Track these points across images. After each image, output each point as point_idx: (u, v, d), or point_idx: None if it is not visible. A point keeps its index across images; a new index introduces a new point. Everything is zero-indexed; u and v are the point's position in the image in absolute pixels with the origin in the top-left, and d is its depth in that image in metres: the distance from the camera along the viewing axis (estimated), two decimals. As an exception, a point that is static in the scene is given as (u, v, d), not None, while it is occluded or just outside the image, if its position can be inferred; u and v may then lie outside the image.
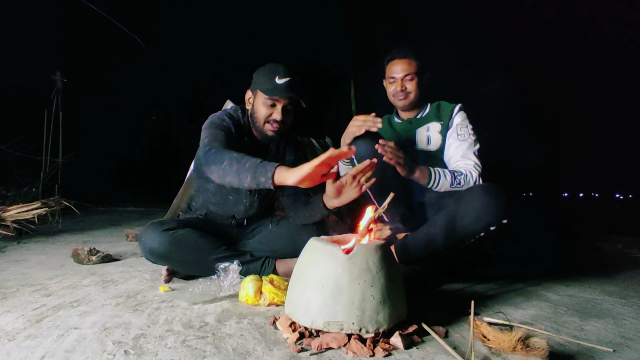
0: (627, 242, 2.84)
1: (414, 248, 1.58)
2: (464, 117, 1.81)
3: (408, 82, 1.82)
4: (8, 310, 1.19)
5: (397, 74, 1.81)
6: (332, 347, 0.94)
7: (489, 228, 1.45)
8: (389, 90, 1.87)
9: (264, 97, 1.47)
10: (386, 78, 1.88)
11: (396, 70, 1.82)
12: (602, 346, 1.00)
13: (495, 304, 1.34)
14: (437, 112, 1.86)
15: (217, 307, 1.24)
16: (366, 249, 1.01)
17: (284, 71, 1.47)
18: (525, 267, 2.04)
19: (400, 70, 1.81)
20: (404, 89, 1.82)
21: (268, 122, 1.49)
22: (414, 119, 1.88)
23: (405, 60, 1.81)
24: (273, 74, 1.46)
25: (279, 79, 1.45)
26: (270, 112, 1.48)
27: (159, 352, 0.91)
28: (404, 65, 1.80)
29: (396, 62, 1.82)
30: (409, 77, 1.81)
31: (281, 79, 1.45)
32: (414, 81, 1.81)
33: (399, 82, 1.81)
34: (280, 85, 1.45)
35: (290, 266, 1.51)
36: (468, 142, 1.74)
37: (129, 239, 2.61)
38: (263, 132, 1.53)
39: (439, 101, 1.91)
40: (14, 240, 2.52)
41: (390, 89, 1.86)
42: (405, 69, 1.80)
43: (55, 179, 4.27)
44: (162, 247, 1.43)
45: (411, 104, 1.84)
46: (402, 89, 1.81)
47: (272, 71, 1.47)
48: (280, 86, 1.45)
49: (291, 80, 1.46)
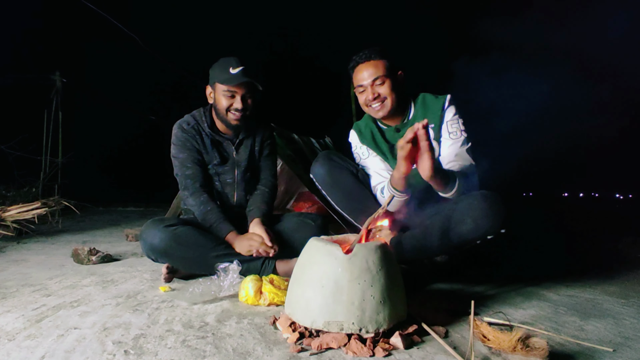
0: (627, 242, 2.84)
1: (408, 250, 1.53)
2: (454, 111, 1.63)
3: (379, 87, 1.61)
4: (8, 310, 1.19)
5: (365, 80, 1.61)
6: (332, 347, 0.94)
7: (487, 237, 1.37)
8: (361, 101, 1.67)
9: (222, 88, 1.60)
10: (355, 88, 1.67)
11: (363, 77, 1.61)
12: (602, 346, 1.00)
13: (495, 304, 1.34)
14: (424, 113, 1.65)
15: (217, 307, 1.24)
16: (366, 249, 1.01)
17: (237, 61, 1.59)
18: (525, 267, 2.04)
19: (367, 75, 1.60)
20: (377, 96, 1.61)
21: (229, 111, 1.62)
22: (401, 125, 1.69)
23: (370, 63, 1.61)
24: (227, 65, 1.59)
25: (232, 69, 1.58)
26: (231, 102, 1.61)
27: (159, 352, 0.91)
28: (370, 69, 1.60)
29: (360, 68, 1.62)
30: (378, 81, 1.60)
31: (235, 69, 1.58)
32: (385, 84, 1.60)
33: (369, 89, 1.61)
34: (235, 74, 1.57)
35: (290, 266, 1.51)
36: (461, 140, 1.59)
37: (129, 239, 2.61)
38: (227, 122, 1.66)
39: (422, 94, 1.69)
40: (14, 240, 2.52)
41: (362, 99, 1.65)
42: (372, 72, 1.60)
43: (55, 179, 4.27)
44: (162, 243, 1.44)
45: (391, 111, 1.63)
46: (375, 96, 1.61)
47: (226, 63, 1.60)
48: (235, 75, 1.57)
49: (244, 69, 1.58)
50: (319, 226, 1.63)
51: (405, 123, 1.68)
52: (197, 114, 1.73)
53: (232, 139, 1.73)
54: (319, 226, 1.63)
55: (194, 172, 1.65)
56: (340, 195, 1.71)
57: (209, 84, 1.68)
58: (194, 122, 1.70)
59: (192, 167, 1.65)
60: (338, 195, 1.71)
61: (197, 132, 1.69)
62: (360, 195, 1.68)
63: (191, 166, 1.65)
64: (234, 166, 1.72)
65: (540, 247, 2.75)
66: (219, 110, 1.64)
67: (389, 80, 1.60)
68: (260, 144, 1.79)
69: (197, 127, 1.69)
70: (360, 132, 1.76)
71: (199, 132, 1.69)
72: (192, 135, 1.67)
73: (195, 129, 1.68)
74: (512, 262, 2.18)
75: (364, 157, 1.74)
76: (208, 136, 1.69)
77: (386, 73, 1.60)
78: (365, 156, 1.73)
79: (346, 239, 1.16)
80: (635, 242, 2.83)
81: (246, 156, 1.74)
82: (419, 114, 1.66)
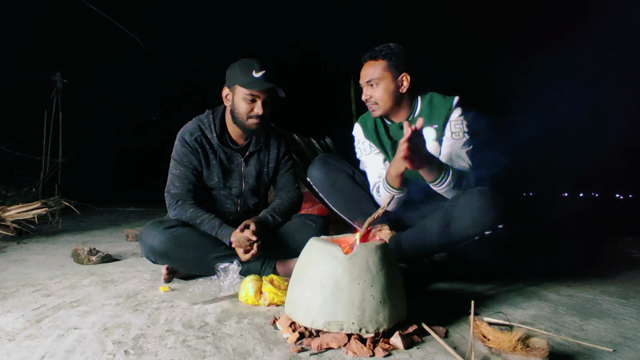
0: (627, 242, 2.84)
1: (407, 247, 1.53)
2: (460, 112, 1.62)
3: (372, 90, 1.61)
4: (8, 310, 1.19)
5: (362, 80, 1.62)
6: (332, 347, 0.94)
7: (485, 232, 1.38)
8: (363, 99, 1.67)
9: (244, 92, 1.52)
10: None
11: (361, 77, 1.62)
12: (602, 346, 1.00)
13: (495, 304, 1.34)
14: (430, 112, 1.63)
15: (217, 307, 1.24)
16: (366, 249, 1.01)
17: (259, 65, 1.53)
18: (525, 267, 2.04)
19: (364, 75, 1.61)
20: (369, 98, 1.62)
21: (251, 118, 1.55)
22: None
23: (369, 63, 1.60)
24: (249, 68, 1.52)
25: (255, 73, 1.51)
26: (252, 107, 1.54)
27: (159, 352, 0.91)
28: (368, 70, 1.60)
29: (363, 67, 1.63)
30: (372, 83, 1.59)
31: (258, 73, 1.51)
32: (379, 87, 1.59)
33: (364, 88, 1.62)
34: (258, 78, 1.50)
35: (290, 266, 1.51)
36: (462, 141, 1.59)
37: (129, 239, 2.61)
38: (246, 127, 1.58)
39: (431, 93, 1.67)
40: (14, 240, 2.52)
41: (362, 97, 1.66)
42: (368, 73, 1.60)
43: (55, 179, 4.27)
44: (162, 245, 1.44)
45: (386, 111, 1.63)
46: (367, 98, 1.62)
47: (248, 65, 1.53)
48: (259, 79, 1.50)
49: (266, 73, 1.52)
50: (319, 227, 1.62)
51: (410, 121, 1.66)
52: (206, 120, 1.63)
53: (242, 151, 1.67)
54: (319, 227, 1.62)
55: (180, 192, 1.58)
56: (337, 197, 1.72)
57: (226, 85, 1.60)
58: (199, 133, 1.60)
59: (179, 186, 1.59)
60: (335, 198, 1.72)
61: (201, 146, 1.60)
62: (358, 197, 1.69)
63: (179, 185, 1.59)
64: (241, 178, 1.68)
65: (540, 247, 2.75)
66: (237, 114, 1.57)
67: (383, 82, 1.58)
68: (275, 161, 1.73)
69: (201, 139, 1.60)
70: (365, 126, 1.75)
71: (202, 146, 1.60)
72: (193, 150, 1.59)
73: (198, 142, 1.59)
74: (512, 262, 2.18)
75: (365, 152, 1.74)
76: (214, 150, 1.62)
77: (382, 75, 1.58)
78: (367, 152, 1.73)
79: (346, 239, 1.16)
80: (635, 242, 2.83)
81: (254, 172, 1.68)
82: (424, 113, 1.64)
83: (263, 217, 1.59)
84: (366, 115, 1.77)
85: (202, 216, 1.53)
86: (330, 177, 1.71)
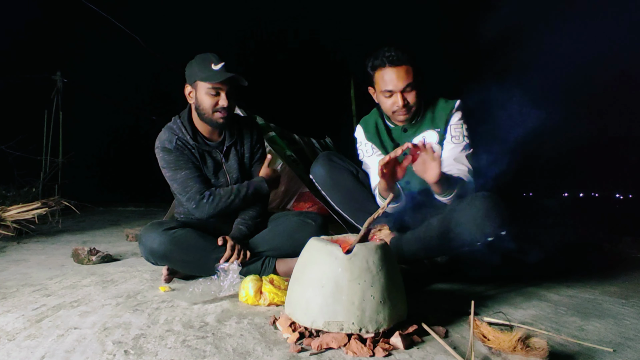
0: (627, 242, 2.83)
1: (408, 250, 1.52)
2: (460, 115, 1.62)
3: (409, 95, 1.55)
4: (8, 310, 1.19)
5: (395, 86, 1.53)
6: (332, 347, 0.94)
7: (487, 239, 1.36)
8: (386, 106, 1.59)
9: (206, 86, 1.51)
10: (377, 89, 1.60)
11: (391, 82, 1.52)
12: (603, 346, 1.00)
13: (495, 304, 1.34)
14: (433, 115, 1.63)
15: (217, 307, 1.24)
16: (366, 249, 1.01)
17: (217, 57, 1.52)
18: (525, 267, 2.04)
19: (399, 81, 1.52)
20: (406, 104, 1.55)
21: (216, 111, 1.54)
22: (409, 125, 1.66)
23: (402, 68, 1.52)
24: (208, 62, 1.51)
25: (214, 65, 1.50)
26: (216, 101, 1.52)
27: (159, 352, 0.91)
28: (401, 74, 1.51)
29: (389, 71, 1.52)
30: (409, 89, 1.54)
31: (217, 65, 1.50)
32: (415, 92, 1.55)
33: (399, 95, 1.53)
34: (218, 70, 1.49)
35: (290, 266, 1.51)
36: (462, 145, 1.59)
37: (129, 239, 2.61)
38: (213, 121, 1.57)
39: (435, 97, 1.68)
40: (14, 240, 2.52)
41: (387, 103, 1.57)
42: (404, 79, 1.52)
43: (55, 179, 4.27)
44: (162, 247, 1.44)
45: (412, 116, 1.63)
46: (404, 104, 1.54)
47: (206, 59, 1.52)
48: (218, 71, 1.49)
49: (226, 64, 1.51)
50: (319, 226, 1.62)
51: (413, 124, 1.66)
52: (175, 127, 1.60)
53: (219, 147, 1.66)
54: (319, 226, 1.62)
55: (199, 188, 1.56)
56: (340, 196, 1.71)
57: (187, 83, 1.58)
58: (175, 137, 1.57)
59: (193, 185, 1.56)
60: (338, 196, 1.72)
61: (184, 147, 1.58)
62: (360, 196, 1.69)
63: (192, 184, 1.56)
64: (225, 174, 1.67)
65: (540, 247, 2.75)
66: (202, 110, 1.54)
67: (417, 87, 1.56)
68: (250, 151, 1.72)
69: (179, 142, 1.57)
70: (367, 128, 1.74)
71: (185, 148, 1.58)
72: (180, 153, 1.57)
73: (179, 146, 1.57)
74: (512, 262, 2.18)
75: (367, 154, 1.74)
76: (195, 149, 1.60)
77: (414, 80, 1.54)
78: (369, 154, 1.73)
79: (346, 239, 1.16)
80: (635, 242, 2.83)
81: (236, 165, 1.68)
82: (427, 117, 1.65)
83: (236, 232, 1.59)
84: (368, 117, 1.77)
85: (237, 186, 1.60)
86: (334, 175, 1.70)
